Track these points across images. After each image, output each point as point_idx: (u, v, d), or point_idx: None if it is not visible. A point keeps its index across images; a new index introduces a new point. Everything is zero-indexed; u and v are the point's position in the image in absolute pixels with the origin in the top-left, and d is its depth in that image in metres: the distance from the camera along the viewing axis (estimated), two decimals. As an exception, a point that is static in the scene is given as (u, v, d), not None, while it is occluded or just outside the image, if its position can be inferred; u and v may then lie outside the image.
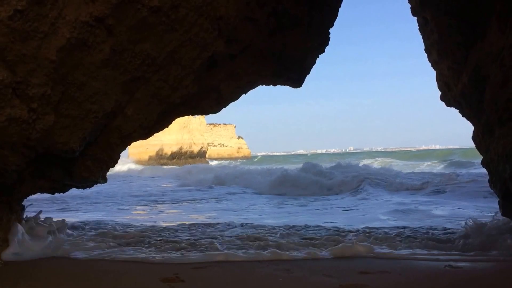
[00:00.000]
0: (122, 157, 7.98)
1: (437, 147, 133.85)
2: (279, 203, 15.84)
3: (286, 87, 9.52)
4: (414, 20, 9.15)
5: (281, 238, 7.85)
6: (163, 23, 6.03)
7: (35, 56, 5.21)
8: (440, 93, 9.47)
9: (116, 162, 7.65)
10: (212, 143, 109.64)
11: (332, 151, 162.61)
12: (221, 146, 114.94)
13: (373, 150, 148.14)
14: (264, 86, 9.43)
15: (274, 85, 9.40)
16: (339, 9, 8.55)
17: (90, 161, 7.02)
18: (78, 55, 5.62)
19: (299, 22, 7.83)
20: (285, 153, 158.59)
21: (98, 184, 8.07)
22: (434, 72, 9.37)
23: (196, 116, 74.65)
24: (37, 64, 5.27)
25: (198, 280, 5.46)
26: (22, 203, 7.62)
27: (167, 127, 8.39)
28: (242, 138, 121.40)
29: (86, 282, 5.42)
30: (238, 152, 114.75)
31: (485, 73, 7.28)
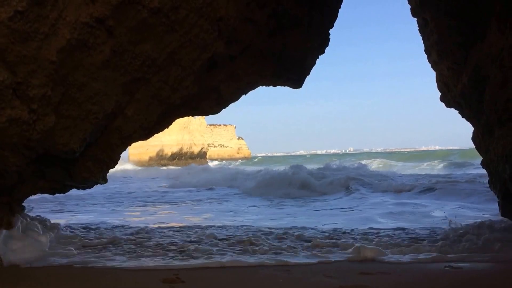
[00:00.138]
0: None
1: (437, 148, 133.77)
2: (273, 205, 15.68)
3: (286, 88, 9.53)
4: (414, 21, 9.17)
5: (281, 242, 7.73)
6: (163, 24, 6.04)
7: (36, 57, 5.21)
8: (440, 94, 9.48)
9: (117, 163, 7.66)
10: (213, 144, 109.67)
11: (332, 152, 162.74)
12: (221, 147, 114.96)
13: (373, 151, 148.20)
14: (264, 87, 9.44)
15: (274, 86, 9.41)
16: (339, 10, 8.57)
17: (91, 162, 7.03)
18: (79, 56, 5.63)
19: (299, 23, 7.83)
20: (285, 154, 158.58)
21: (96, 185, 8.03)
22: (434, 73, 9.39)
23: (196, 117, 74.61)
24: (38, 65, 5.27)
25: (199, 281, 5.47)
26: (23, 204, 7.63)
27: (167, 128, 8.40)
28: (242, 139, 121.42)
29: (87, 283, 5.43)
30: (238, 153, 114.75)
31: (485, 74, 7.29)
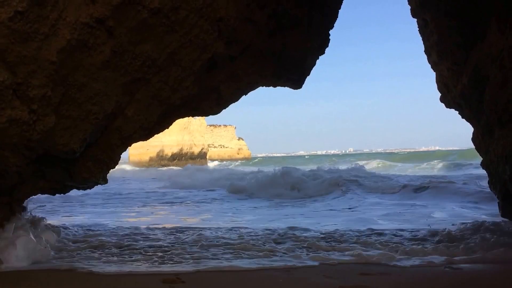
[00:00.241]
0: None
1: (437, 148, 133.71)
2: (271, 206, 15.61)
3: (286, 89, 9.52)
4: (414, 22, 9.18)
5: (280, 243, 7.66)
6: (163, 25, 6.05)
7: (36, 58, 5.22)
8: (440, 95, 9.49)
9: (117, 163, 7.65)
10: (213, 145, 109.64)
11: (332, 152, 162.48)
12: (222, 147, 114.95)
13: (373, 151, 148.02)
14: (264, 88, 9.44)
15: (274, 86, 9.41)
16: (339, 11, 8.57)
17: (91, 162, 7.02)
18: (79, 57, 5.63)
19: (299, 23, 7.83)
20: (285, 154, 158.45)
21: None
22: (434, 74, 9.39)
23: (197, 117, 74.22)
24: (38, 66, 5.27)
25: (199, 281, 5.47)
26: (23, 204, 7.63)
27: (168, 128, 8.39)
28: (243, 139, 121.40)
29: (87, 283, 5.43)
30: (239, 153, 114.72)
31: (485, 74, 7.29)
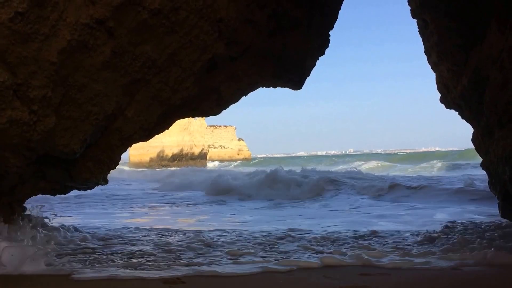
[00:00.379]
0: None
1: (437, 149, 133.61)
2: (269, 207, 15.40)
3: (286, 89, 9.51)
4: (414, 22, 9.17)
5: (279, 246, 7.45)
6: (164, 26, 6.06)
7: (36, 58, 5.23)
8: (440, 96, 9.48)
9: (117, 164, 7.66)
10: (213, 145, 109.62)
11: (332, 153, 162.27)
12: (222, 148, 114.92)
13: (373, 152, 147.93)
14: (265, 88, 9.45)
15: (275, 87, 9.41)
16: (339, 11, 8.58)
17: (91, 163, 7.04)
18: (79, 57, 5.64)
19: (299, 24, 7.84)
20: (286, 155, 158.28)
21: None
22: (434, 74, 9.39)
23: (197, 118, 74.60)
24: (38, 66, 5.28)
25: (198, 282, 5.46)
26: (24, 205, 7.64)
27: (168, 129, 8.41)
28: (243, 140, 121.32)
29: (87, 283, 5.43)
30: (239, 154, 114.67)
31: (485, 75, 7.28)
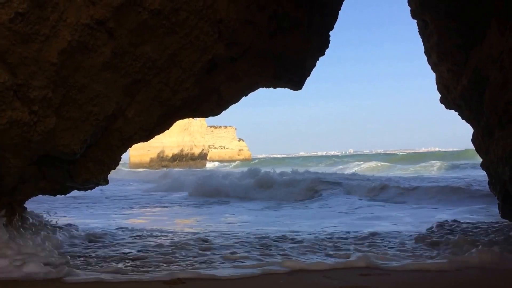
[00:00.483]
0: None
1: (437, 149, 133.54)
2: (266, 208, 15.29)
3: (287, 89, 9.51)
4: (414, 23, 9.18)
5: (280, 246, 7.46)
6: (164, 26, 6.06)
7: (36, 59, 5.23)
8: (440, 96, 9.49)
9: (118, 164, 7.67)
10: (213, 146, 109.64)
11: (332, 153, 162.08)
12: (222, 148, 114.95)
13: (373, 152, 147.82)
14: (265, 89, 9.46)
15: (275, 88, 9.41)
16: (339, 12, 8.59)
17: (91, 163, 7.04)
18: (79, 58, 5.64)
19: (299, 24, 7.85)
20: (286, 155, 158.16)
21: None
22: (434, 75, 9.40)
23: (197, 119, 74.64)
24: (38, 67, 5.29)
25: (198, 282, 5.47)
26: (24, 205, 7.64)
27: (168, 130, 8.41)
28: (243, 141, 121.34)
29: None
30: (239, 154, 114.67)
31: (485, 75, 7.29)
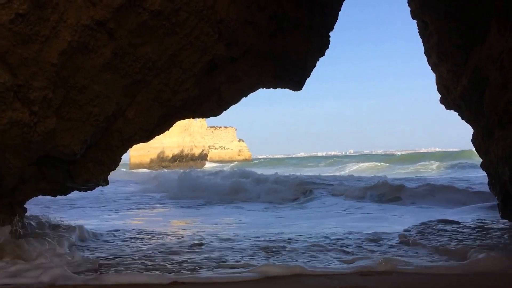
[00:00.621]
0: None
1: (437, 150, 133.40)
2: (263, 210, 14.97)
3: (287, 90, 9.51)
4: (415, 23, 9.19)
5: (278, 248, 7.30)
6: (164, 27, 6.06)
7: (37, 60, 5.24)
8: (440, 96, 9.50)
9: (118, 165, 7.67)
10: (213, 146, 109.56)
11: (332, 154, 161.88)
12: (222, 149, 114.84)
13: (373, 153, 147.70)
14: (265, 89, 9.46)
15: (275, 88, 9.41)
16: (339, 13, 8.59)
17: (91, 164, 7.04)
18: (79, 59, 5.64)
19: (300, 24, 7.85)
20: (286, 156, 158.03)
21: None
22: (434, 75, 9.40)
23: (197, 119, 74.72)
24: (39, 68, 5.29)
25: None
26: (24, 205, 7.65)
27: (168, 130, 8.41)
28: (243, 141, 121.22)
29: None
30: (239, 155, 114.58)
31: (485, 76, 7.29)
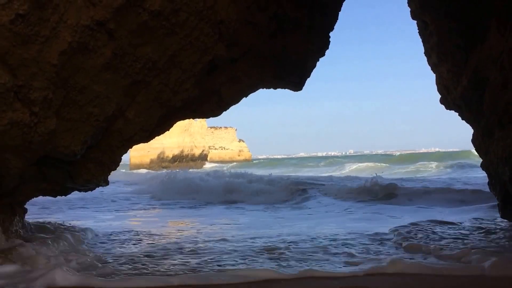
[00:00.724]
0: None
1: (437, 150, 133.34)
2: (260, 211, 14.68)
3: (287, 90, 9.52)
4: (415, 23, 9.19)
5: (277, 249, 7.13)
6: (164, 27, 6.06)
7: (37, 60, 5.24)
8: (440, 96, 9.50)
9: (118, 165, 7.67)
10: (213, 146, 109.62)
11: (332, 154, 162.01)
12: (222, 149, 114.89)
13: (374, 153, 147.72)
14: (266, 89, 9.46)
15: (275, 88, 9.42)
16: (339, 13, 8.60)
17: (92, 164, 7.04)
18: (80, 59, 5.65)
19: (300, 25, 7.86)
20: (286, 156, 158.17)
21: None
22: (434, 75, 9.40)
23: (197, 120, 74.84)
24: (39, 68, 5.29)
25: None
26: (25, 206, 7.65)
27: (168, 130, 8.42)
28: (243, 141, 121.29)
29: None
30: (239, 155, 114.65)
31: (485, 76, 7.30)
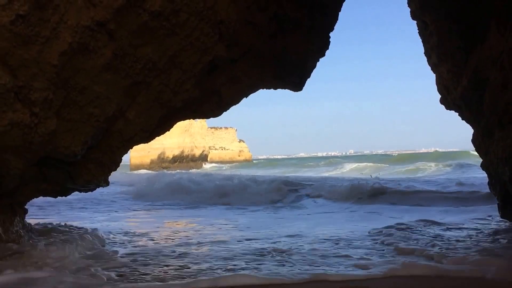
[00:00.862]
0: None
1: (437, 150, 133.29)
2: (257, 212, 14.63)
3: (287, 90, 9.51)
4: (415, 23, 9.19)
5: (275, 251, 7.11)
6: (164, 28, 6.07)
7: (37, 61, 5.24)
8: (440, 97, 9.50)
9: (118, 166, 7.67)
10: (214, 147, 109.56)
11: (333, 154, 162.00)
12: (223, 150, 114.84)
13: (373, 153, 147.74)
14: (266, 90, 9.45)
15: (275, 89, 9.40)
16: (339, 13, 8.60)
17: (92, 165, 7.04)
18: (80, 60, 5.65)
19: (300, 25, 7.86)
20: (286, 156, 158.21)
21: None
22: (434, 75, 9.40)
23: (198, 120, 74.78)
24: (39, 69, 5.30)
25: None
26: (25, 206, 7.65)
27: (169, 131, 8.41)
28: (244, 142, 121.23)
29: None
30: (240, 156, 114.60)
31: (485, 76, 7.30)
